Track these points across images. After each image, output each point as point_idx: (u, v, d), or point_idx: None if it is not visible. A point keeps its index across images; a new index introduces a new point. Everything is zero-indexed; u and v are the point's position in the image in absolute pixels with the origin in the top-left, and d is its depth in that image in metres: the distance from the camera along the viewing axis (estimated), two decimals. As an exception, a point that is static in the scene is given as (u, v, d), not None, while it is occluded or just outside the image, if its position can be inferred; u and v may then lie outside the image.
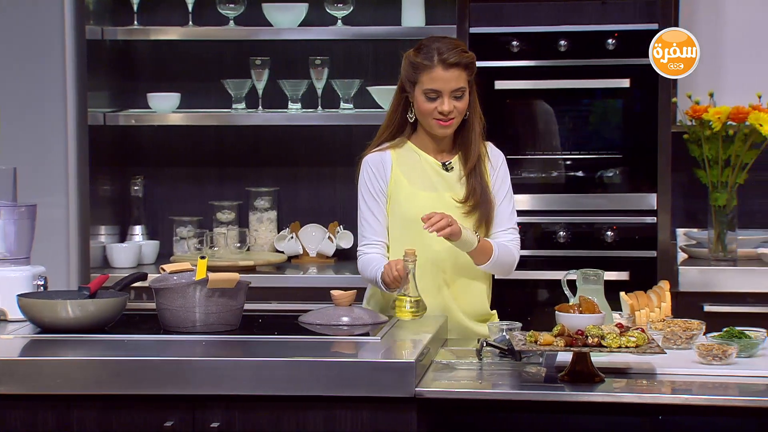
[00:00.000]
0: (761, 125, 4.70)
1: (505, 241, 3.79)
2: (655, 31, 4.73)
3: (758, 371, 3.21)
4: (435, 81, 3.69)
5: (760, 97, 4.83)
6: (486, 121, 4.93)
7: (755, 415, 3.09)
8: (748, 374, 3.19)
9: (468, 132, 3.78)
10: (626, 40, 4.80)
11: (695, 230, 5.10)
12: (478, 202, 3.75)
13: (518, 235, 3.86)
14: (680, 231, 5.16)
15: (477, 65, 4.90)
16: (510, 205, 3.85)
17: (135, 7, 5.17)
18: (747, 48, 4.86)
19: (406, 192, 3.77)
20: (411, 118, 3.79)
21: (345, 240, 5.21)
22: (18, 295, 3.44)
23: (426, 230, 3.57)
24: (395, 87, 5.04)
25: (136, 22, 5.18)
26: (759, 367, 3.25)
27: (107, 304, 3.41)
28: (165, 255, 5.23)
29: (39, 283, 3.60)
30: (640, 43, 4.78)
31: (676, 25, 4.99)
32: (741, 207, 4.91)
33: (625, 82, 4.81)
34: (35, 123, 5.24)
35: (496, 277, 3.94)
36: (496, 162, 3.83)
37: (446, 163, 3.79)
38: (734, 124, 4.77)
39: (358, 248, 3.80)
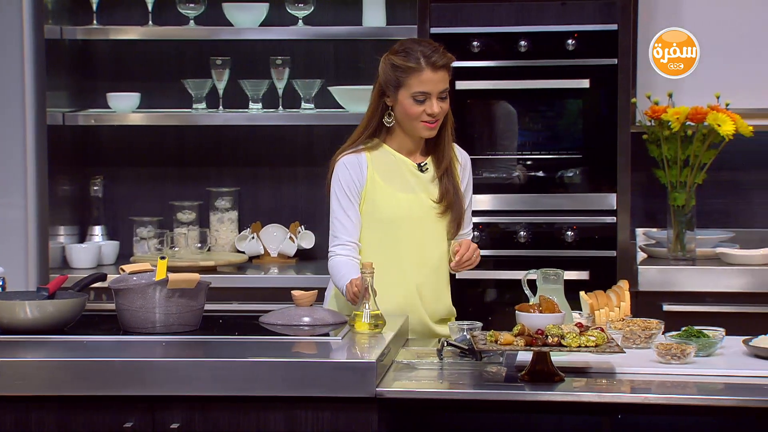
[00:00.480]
0: (719, 125, 4.73)
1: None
2: (615, 32, 4.78)
3: (716, 370, 3.23)
4: (425, 84, 3.70)
5: (718, 98, 4.86)
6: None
7: (713, 414, 3.11)
8: (706, 373, 3.21)
9: (442, 133, 3.79)
10: (586, 41, 4.82)
11: (654, 230, 5.13)
12: (452, 202, 3.78)
13: (471, 236, 3.93)
14: (640, 231, 5.19)
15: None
16: (470, 209, 3.90)
17: (94, 7, 5.14)
18: (706, 49, 4.88)
19: (383, 193, 3.77)
20: (389, 123, 3.78)
21: (306, 240, 5.21)
22: (-24, 296, 3.42)
23: (452, 267, 3.72)
24: (357, 87, 5.09)
25: (95, 22, 5.16)
26: (717, 366, 3.27)
27: (66, 305, 3.39)
28: (125, 255, 5.21)
29: (-3, 283, 3.58)
30: (599, 43, 4.81)
31: (635, 25, 5.02)
32: (699, 207, 4.94)
33: (585, 83, 4.83)
34: (-7, 123, 5.21)
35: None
36: (465, 163, 3.87)
37: (422, 165, 3.80)
38: (693, 124, 4.80)
39: (330, 248, 3.78)
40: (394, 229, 3.69)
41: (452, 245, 3.74)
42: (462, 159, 3.87)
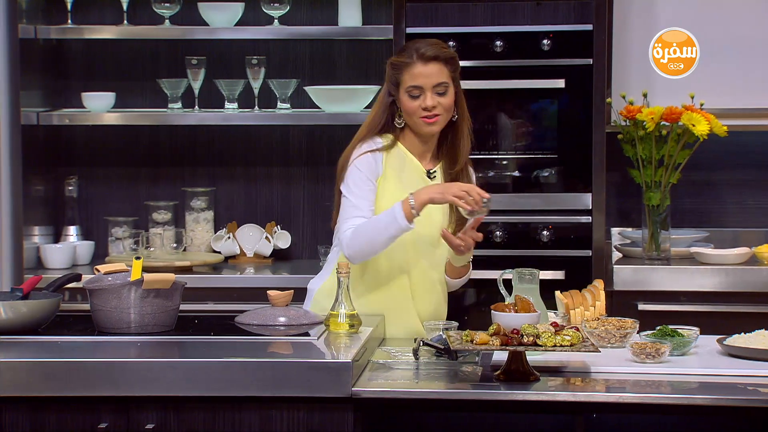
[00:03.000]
0: (694, 125, 4.75)
1: None
2: (590, 32, 4.79)
3: (691, 369, 3.24)
4: (416, 77, 3.68)
5: (693, 98, 4.88)
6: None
7: (688, 413, 3.12)
8: (680, 372, 3.22)
9: (456, 134, 3.76)
10: (561, 41, 4.83)
11: (629, 229, 5.14)
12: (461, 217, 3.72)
13: None
14: (615, 230, 5.20)
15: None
16: None
17: (69, 6, 5.12)
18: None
19: (393, 191, 3.71)
20: (400, 124, 3.75)
21: (282, 240, 5.20)
22: (-51, 297, 3.40)
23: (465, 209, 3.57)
24: (332, 87, 5.09)
25: (70, 21, 5.14)
26: (691, 365, 3.29)
27: (40, 306, 3.37)
28: (100, 256, 5.19)
29: (-29, 284, 3.56)
30: (574, 43, 4.82)
31: (610, 25, 5.04)
32: (674, 206, 4.96)
33: (560, 83, 4.83)
34: (-33, 122, 5.18)
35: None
36: (471, 171, 3.86)
37: (430, 171, 3.78)
38: (668, 124, 4.82)
39: (343, 228, 3.66)
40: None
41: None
42: (470, 166, 3.84)
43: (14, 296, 3.43)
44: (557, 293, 3.67)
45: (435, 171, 3.79)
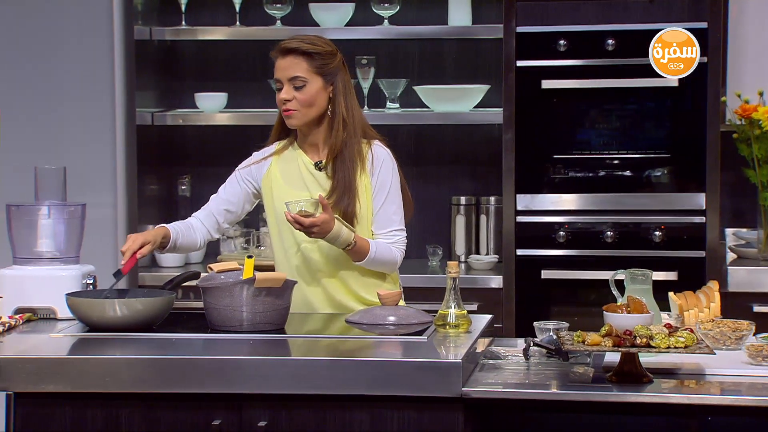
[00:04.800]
0: (811, 124, 4.66)
1: (388, 243, 3.75)
2: (704, 30, 4.72)
3: (809, 372, 3.18)
4: (276, 70, 3.73)
5: (809, 96, 4.79)
6: (532, 120, 4.93)
7: (806, 417, 3.06)
8: (798, 375, 3.16)
9: (333, 127, 3.74)
10: (674, 39, 4.76)
11: (744, 230, 5.06)
12: (340, 197, 3.70)
13: (402, 236, 3.80)
14: (729, 231, 5.12)
15: (524, 65, 4.90)
16: (392, 207, 3.77)
17: (183, 8, 5.20)
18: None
19: (280, 191, 3.77)
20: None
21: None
22: (67, 294, 3.47)
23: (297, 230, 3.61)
24: (441, 87, 5.09)
25: (183, 23, 5.21)
26: (810, 368, 3.22)
27: (154, 303, 3.42)
28: (212, 254, 5.25)
29: (88, 282, 3.62)
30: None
31: (725, 23, 4.95)
32: (791, 207, 4.87)
33: (674, 81, 4.77)
34: (84, 123, 5.29)
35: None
36: (377, 162, 3.77)
37: (318, 162, 3.78)
38: (784, 122, 4.74)
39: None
40: (287, 225, 3.66)
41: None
42: (375, 158, 3.77)
43: (117, 276, 3.50)
44: (671, 294, 3.62)
45: (323, 161, 3.76)
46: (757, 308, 4.59)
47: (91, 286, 3.61)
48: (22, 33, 5.29)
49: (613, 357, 3.18)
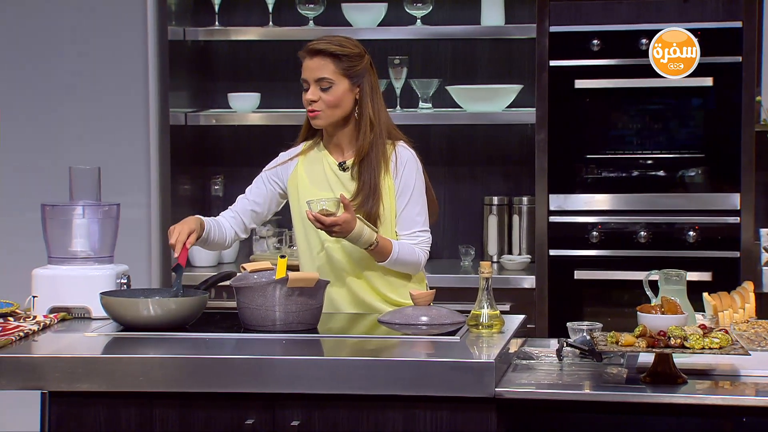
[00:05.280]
0: None
1: (412, 243, 3.74)
2: (739, 29, 4.69)
3: None
4: (303, 71, 3.72)
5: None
6: (565, 120, 4.92)
7: (842, 419, 3.04)
8: (834, 377, 3.13)
9: (359, 129, 3.73)
10: (709, 39, 4.73)
11: (779, 231, 5.03)
12: (364, 199, 3.70)
13: (426, 237, 3.78)
14: (764, 231, 5.08)
15: (557, 64, 4.89)
16: (415, 208, 3.76)
17: (216, 8, 5.21)
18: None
19: (305, 191, 3.77)
20: None
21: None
22: (101, 294, 3.48)
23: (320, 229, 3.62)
24: (474, 87, 5.08)
25: (217, 23, 5.23)
26: None
27: (188, 303, 3.43)
28: (245, 254, 5.27)
29: (122, 281, 3.64)
30: (723, 41, 4.73)
31: (760, 22, 4.92)
32: (826, 207, 4.85)
33: (708, 81, 4.75)
34: (118, 123, 5.31)
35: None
36: (401, 163, 3.77)
37: (342, 163, 3.78)
38: (819, 122, 4.70)
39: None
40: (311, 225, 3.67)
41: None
42: (399, 160, 3.76)
43: (178, 271, 3.52)
44: (705, 295, 3.60)
45: (347, 162, 3.76)
46: (792, 309, 4.56)
47: (125, 286, 3.63)
48: (57, 34, 5.32)
49: (646, 358, 3.17)
